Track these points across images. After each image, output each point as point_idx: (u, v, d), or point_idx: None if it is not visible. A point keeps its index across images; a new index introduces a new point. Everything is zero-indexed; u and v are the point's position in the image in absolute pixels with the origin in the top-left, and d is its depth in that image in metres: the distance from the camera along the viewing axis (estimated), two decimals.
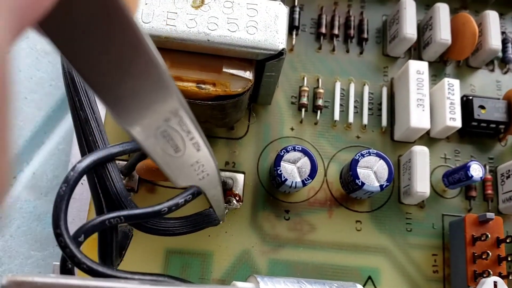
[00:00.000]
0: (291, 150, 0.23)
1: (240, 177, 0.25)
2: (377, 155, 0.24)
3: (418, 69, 0.26)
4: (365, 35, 0.28)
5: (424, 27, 0.28)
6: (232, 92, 0.21)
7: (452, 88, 0.26)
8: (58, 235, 0.17)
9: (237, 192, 0.24)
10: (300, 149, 0.23)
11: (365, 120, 0.27)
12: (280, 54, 0.21)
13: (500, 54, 0.28)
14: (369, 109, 0.27)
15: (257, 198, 0.25)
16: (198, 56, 0.21)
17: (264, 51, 0.21)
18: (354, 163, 0.23)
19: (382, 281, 0.25)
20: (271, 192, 0.25)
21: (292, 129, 0.26)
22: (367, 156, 0.23)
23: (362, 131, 0.27)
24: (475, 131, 0.27)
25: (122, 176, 0.24)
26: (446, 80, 0.26)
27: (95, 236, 0.24)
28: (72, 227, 0.25)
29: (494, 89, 0.28)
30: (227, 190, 0.24)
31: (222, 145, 0.26)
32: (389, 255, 0.25)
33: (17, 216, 0.27)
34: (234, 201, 0.23)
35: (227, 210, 0.23)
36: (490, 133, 0.27)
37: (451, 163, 0.27)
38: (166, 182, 0.24)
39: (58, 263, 0.24)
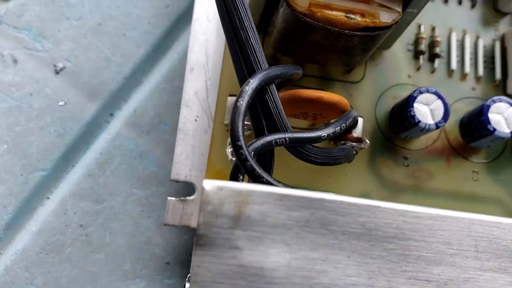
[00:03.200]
0: (425, 91, 0.23)
1: (359, 121, 0.24)
2: (508, 102, 0.23)
3: None
4: None
5: None
6: (382, 24, 0.21)
7: None
8: (238, 148, 0.16)
9: (356, 135, 0.24)
10: (433, 91, 0.23)
11: (481, 72, 0.26)
12: None
13: None
14: (484, 61, 0.27)
15: (375, 143, 0.25)
16: None
17: None
18: (485, 109, 0.23)
19: None
20: (390, 138, 0.25)
21: (409, 76, 0.26)
22: (498, 102, 0.23)
23: (477, 83, 0.26)
24: None
25: None
26: None
27: (217, 169, 0.24)
28: (187, 163, 0.25)
29: None
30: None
31: (339, 87, 0.25)
32: (504, 207, 0.25)
33: (117, 153, 0.26)
34: (367, 140, 0.23)
35: (355, 152, 0.23)
36: None
37: None
38: (304, 119, 0.23)
39: (173, 198, 0.24)
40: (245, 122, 0.21)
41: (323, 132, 0.19)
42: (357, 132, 0.24)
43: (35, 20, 0.27)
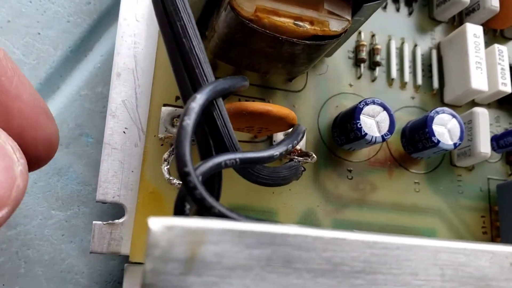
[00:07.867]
0: (370, 103, 0.22)
1: None
2: (451, 113, 0.23)
3: (475, 32, 0.26)
4: None
5: None
6: (331, 32, 0.19)
7: (502, 54, 0.26)
8: (186, 175, 0.14)
9: (299, 148, 0.23)
10: (379, 102, 0.22)
11: (419, 81, 0.26)
12: None
13: None
14: (422, 70, 0.26)
15: (319, 155, 0.23)
16: None
17: None
18: (429, 120, 0.23)
19: None
20: (333, 150, 0.24)
21: (350, 85, 0.25)
22: (441, 114, 0.23)
23: (416, 92, 0.26)
24: None
25: None
26: (496, 46, 0.26)
27: (151, 189, 0.22)
28: (115, 181, 0.22)
29: None
30: None
31: (281, 97, 0.24)
32: (444, 217, 0.25)
33: None
34: (314, 155, 0.22)
35: (303, 169, 0.21)
36: None
37: (493, 129, 0.27)
38: (247, 132, 0.21)
39: (99, 222, 0.21)
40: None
41: (275, 151, 0.17)
42: (300, 144, 0.23)
43: None
